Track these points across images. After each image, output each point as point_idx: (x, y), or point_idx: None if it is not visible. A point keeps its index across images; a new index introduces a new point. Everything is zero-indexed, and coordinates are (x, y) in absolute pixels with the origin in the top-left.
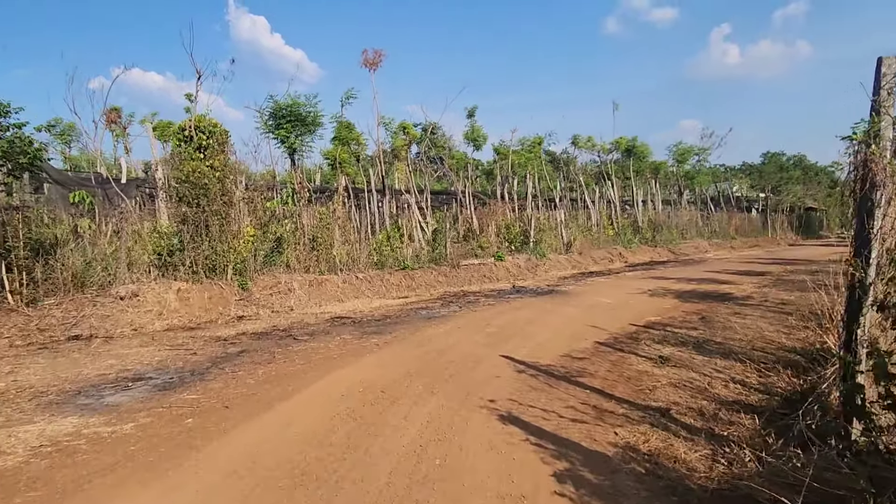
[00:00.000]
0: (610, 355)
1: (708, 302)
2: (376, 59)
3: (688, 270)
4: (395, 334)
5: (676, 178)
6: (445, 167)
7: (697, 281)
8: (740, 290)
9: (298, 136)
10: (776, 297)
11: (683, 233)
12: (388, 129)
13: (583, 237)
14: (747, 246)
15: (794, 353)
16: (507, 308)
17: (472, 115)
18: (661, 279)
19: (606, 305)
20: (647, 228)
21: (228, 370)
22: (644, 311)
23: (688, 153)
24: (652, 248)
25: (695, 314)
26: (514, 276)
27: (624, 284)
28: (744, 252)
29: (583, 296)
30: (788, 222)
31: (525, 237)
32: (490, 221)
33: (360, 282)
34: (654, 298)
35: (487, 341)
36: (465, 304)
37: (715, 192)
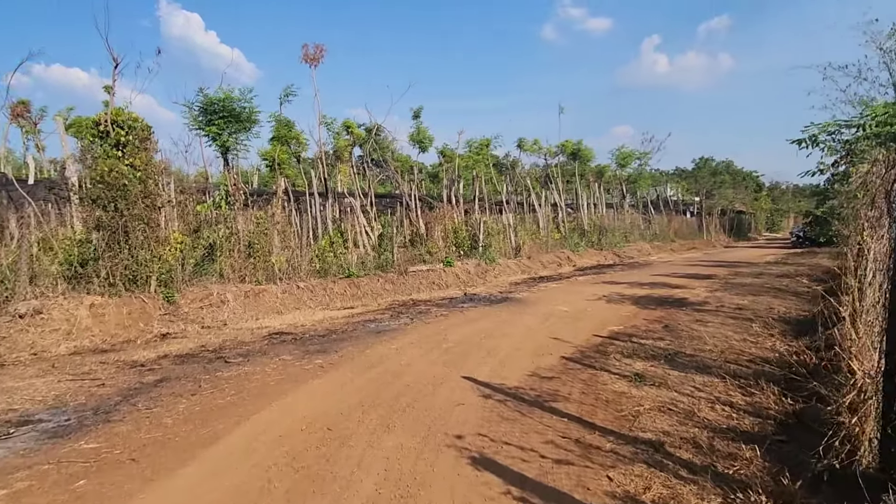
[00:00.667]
0: (580, 373)
1: (666, 308)
2: (317, 55)
3: (637, 274)
4: (342, 353)
5: (619, 182)
6: (391, 169)
7: (650, 285)
8: (694, 295)
9: (232, 134)
10: (731, 301)
11: (627, 236)
12: (331, 129)
13: (531, 241)
14: (686, 248)
15: (770, 366)
16: (462, 319)
17: (418, 116)
18: (614, 284)
19: (565, 314)
20: (592, 232)
21: (142, 406)
22: (605, 319)
23: (629, 157)
24: (598, 252)
25: (657, 322)
26: (464, 282)
27: (578, 290)
28: (684, 254)
29: (539, 304)
30: (721, 225)
31: (474, 242)
32: (437, 225)
33: (301, 291)
34: (612, 305)
35: (445, 359)
36: (416, 314)
37: (655, 195)
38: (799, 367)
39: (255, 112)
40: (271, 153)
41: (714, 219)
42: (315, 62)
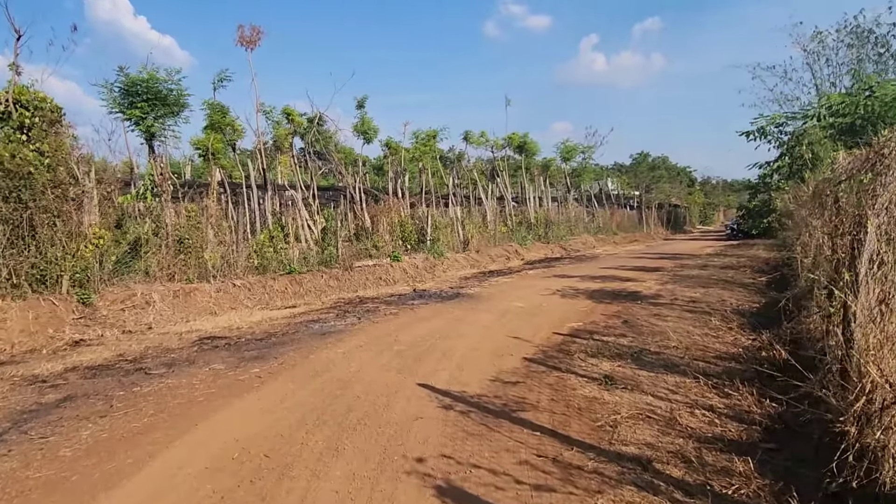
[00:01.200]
0: (546, 376)
1: (621, 302)
2: (254, 38)
3: (586, 267)
4: (283, 360)
5: (564, 176)
6: (334, 161)
7: (601, 279)
8: (646, 288)
9: (158, 119)
10: (683, 294)
11: (572, 229)
12: (270, 117)
13: (479, 235)
14: (628, 241)
15: (739, 363)
16: (413, 318)
17: (362, 105)
18: (565, 277)
19: (521, 310)
20: (539, 225)
21: (36, 433)
22: (562, 315)
23: (573, 151)
24: (545, 245)
25: (615, 317)
26: (412, 277)
27: (530, 284)
28: (627, 247)
29: (492, 299)
30: (659, 218)
31: (421, 235)
32: (383, 219)
33: (237, 290)
34: (567, 300)
35: (398, 364)
36: (364, 313)
37: (597, 189)
38: (770, 364)
39: (184, 95)
40: (204, 142)
41: (653, 212)
42: (252, 45)
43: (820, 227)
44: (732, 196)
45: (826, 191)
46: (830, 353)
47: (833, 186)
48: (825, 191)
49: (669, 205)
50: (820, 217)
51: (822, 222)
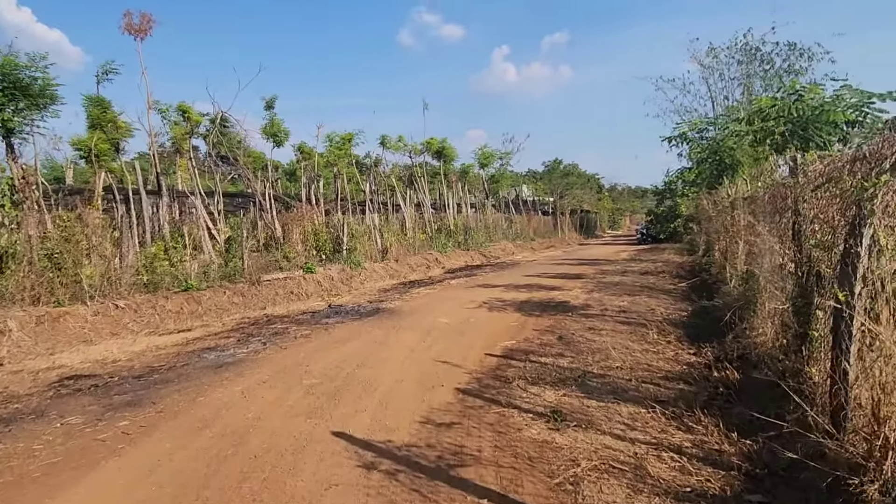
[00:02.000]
0: (485, 413)
1: (551, 314)
2: (144, 26)
3: (509, 275)
4: (163, 406)
5: (482, 182)
6: (240, 165)
7: (526, 288)
8: (574, 298)
9: (18, 112)
10: (612, 304)
11: (491, 236)
12: (166, 117)
13: (398, 243)
14: (545, 246)
15: (689, 384)
16: (328, 340)
17: (271, 106)
18: (489, 287)
19: (447, 327)
20: (458, 232)
21: None
22: (493, 332)
23: (491, 157)
24: (465, 252)
25: (549, 332)
26: (327, 291)
27: (454, 296)
28: (545, 253)
29: (415, 315)
30: (572, 223)
31: (337, 245)
32: (296, 228)
33: (121, 312)
34: (496, 314)
35: (308, 405)
36: (271, 336)
37: (514, 195)
38: (723, 386)
39: (52, 85)
40: (87, 142)
41: (567, 218)
42: (141, 34)
43: (777, 235)
44: (637, 202)
45: (783, 195)
46: (818, 387)
47: (807, 190)
48: (781, 195)
49: (581, 210)
50: (772, 223)
51: (777, 229)
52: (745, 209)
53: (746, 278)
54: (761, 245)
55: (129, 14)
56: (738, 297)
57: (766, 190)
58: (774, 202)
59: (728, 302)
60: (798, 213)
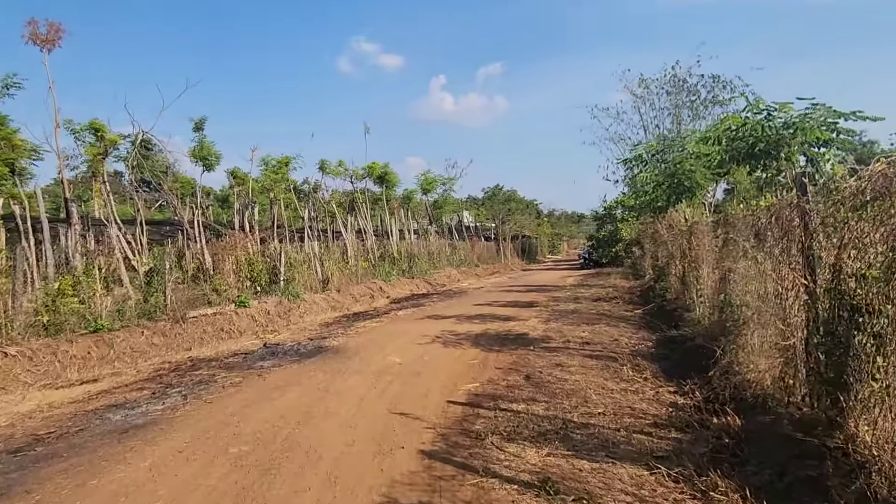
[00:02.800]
0: (458, 485)
1: (512, 349)
2: (52, 37)
3: (458, 305)
4: (41, 495)
5: (425, 208)
6: (164, 190)
7: (479, 319)
8: (532, 329)
9: None
10: (573, 335)
11: (435, 262)
12: (80, 138)
13: (340, 272)
14: (489, 273)
15: (684, 432)
16: (262, 389)
17: (201, 128)
18: (440, 319)
19: (400, 368)
20: (402, 259)
21: None
22: (452, 373)
23: (434, 183)
24: (410, 280)
25: (513, 371)
26: (263, 327)
27: (404, 330)
28: (491, 279)
29: (363, 353)
30: (514, 249)
31: (273, 275)
32: (228, 257)
33: (10, 361)
34: (451, 350)
35: (235, 484)
36: (194, 386)
37: (457, 221)
38: (726, 434)
39: None
40: None
41: (509, 243)
42: (49, 45)
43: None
44: (574, 227)
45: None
46: (876, 451)
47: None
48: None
49: (523, 236)
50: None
51: (772, 255)
52: (717, 233)
53: (721, 307)
54: (744, 272)
55: (34, 23)
56: (710, 328)
57: (751, 213)
58: (765, 225)
59: (699, 332)
60: (811, 236)
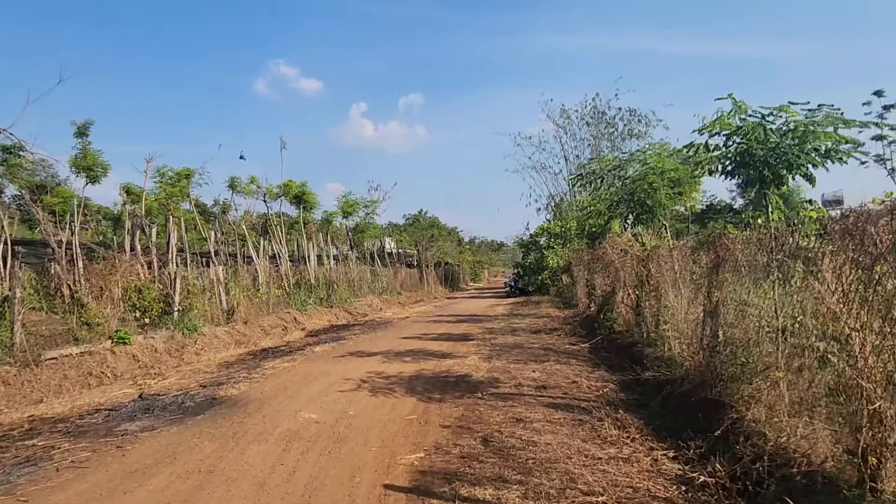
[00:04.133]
0: None
1: (456, 396)
2: None
3: (384, 338)
4: None
5: (346, 232)
6: (27, 202)
7: (411, 356)
8: (474, 368)
9: None
10: (522, 375)
11: (356, 290)
12: None
13: (248, 301)
14: (413, 301)
15: None
16: (115, 473)
17: (85, 133)
18: (364, 357)
19: (317, 430)
20: (321, 287)
21: None
22: (386, 437)
23: (356, 206)
24: (328, 309)
25: (465, 431)
26: (146, 369)
27: (322, 372)
28: (416, 308)
29: (269, 407)
30: (437, 276)
31: (167, 304)
32: (112, 284)
33: None
34: (382, 399)
35: None
36: (14, 467)
37: (379, 247)
38: None
39: None
40: None
41: (432, 271)
42: None
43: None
44: (494, 255)
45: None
46: None
47: None
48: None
49: (445, 263)
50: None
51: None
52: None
53: (712, 346)
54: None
55: None
56: (697, 370)
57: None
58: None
59: (681, 375)
60: None
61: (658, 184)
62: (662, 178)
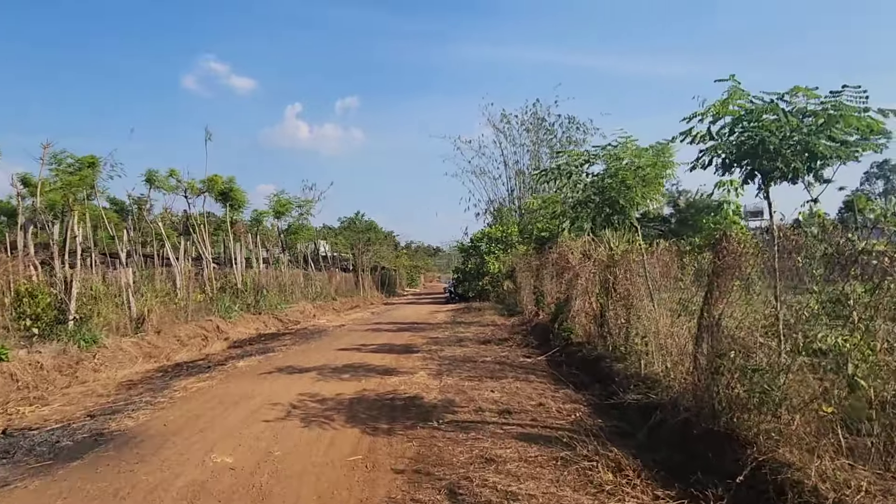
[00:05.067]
0: None
1: (408, 426)
2: None
3: (318, 350)
4: None
5: (278, 234)
6: None
7: (350, 372)
8: (423, 388)
9: None
10: (481, 396)
11: (287, 296)
12: None
13: (163, 307)
14: (348, 307)
15: None
16: None
17: None
18: (295, 373)
19: (234, 482)
20: (248, 292)
21: None
22: (323, 489)
23: (288, 205)
24: (256, 316)
25: (424, 479)
26: (25, 391)
27: (243, 394)
28: (352, 314)
29: (171, 447)
30: (374, 281)
31: (62, 312)
32: None
33: None
34: (316, 432)
35: None
36: None
37: (313, 250)
38: None
39: None
40: None
41: (368, 275)
42: None
43: None
44: (430, 260)
45: None
46: None
47: None
48: None
49: (382, 268)
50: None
51: None
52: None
53: (713, 367)
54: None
55: None
56: (692, 393)
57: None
58: None
59: (671, 398)
60: None
61: (632, 181)
62: (636, 175)
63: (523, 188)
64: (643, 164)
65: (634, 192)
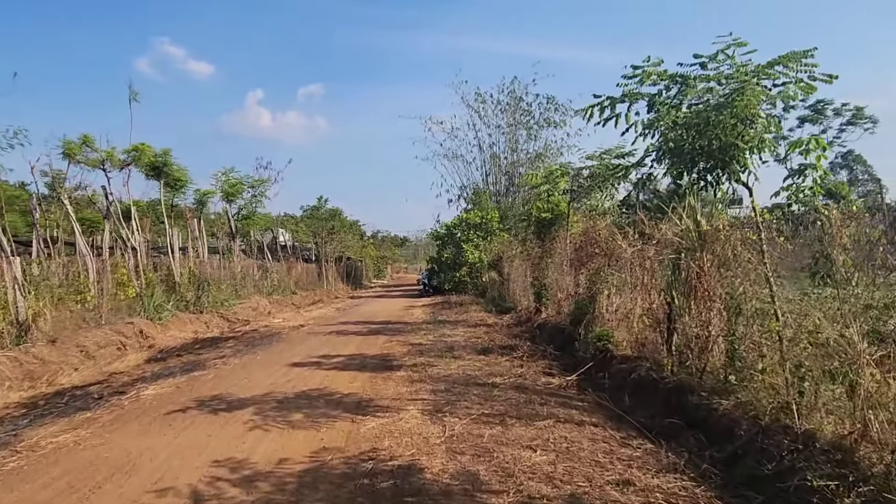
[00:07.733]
0: None
1: None
2: None
3: (264, 366)
4: None
5: (228, 219)
6: None
7: (305, 409)
8: (422, 448)
9: None
10: (519, 464)
11: (238, 290)
12: None
13: (64, 308)
14: (310, 302)
15: None
16: None
17: None
18: (221, 411)
19: None
20: (187, 286)
21: None
22: None
23: (239, 186)
24: (197, 315)
25: None
26: None
27: (126, 460)
28: (314, 311)
29: None
30: (338, 272)
31: None
32: None
33: None
34: None
35: None
36: None
37: (270, 238)
38: None
39: None
40: None
41: (332, 266)
42: None
43: None
44: (397, 250)
45: None
46: None
47: None
48: None
49: (347, 258)
50: None
51: None
52: None
53: None
54: None
55: None
56: None
57: None
58: None
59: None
60: None
61: (757, 112)
62: (765, 102)
63: (499, 173)
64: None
65: (759, 125)
